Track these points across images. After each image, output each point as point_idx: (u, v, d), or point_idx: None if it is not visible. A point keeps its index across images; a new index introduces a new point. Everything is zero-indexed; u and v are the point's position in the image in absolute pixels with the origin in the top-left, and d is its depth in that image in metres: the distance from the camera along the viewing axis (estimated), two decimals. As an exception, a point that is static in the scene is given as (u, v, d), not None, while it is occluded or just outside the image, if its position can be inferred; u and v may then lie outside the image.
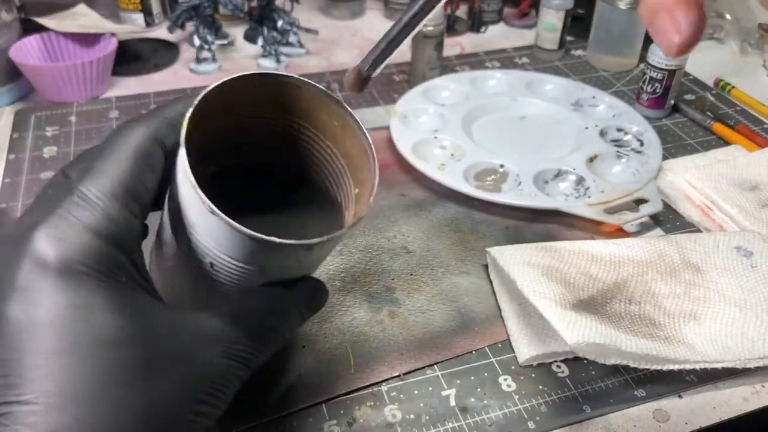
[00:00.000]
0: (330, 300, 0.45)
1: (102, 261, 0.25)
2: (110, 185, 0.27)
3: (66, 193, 0.26)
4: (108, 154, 0.28)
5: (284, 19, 0.79)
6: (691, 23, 0.20)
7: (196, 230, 0.29)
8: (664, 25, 0.21)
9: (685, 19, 0.20)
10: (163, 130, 0.29)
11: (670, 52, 0.21)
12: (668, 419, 0.39)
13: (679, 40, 0.21)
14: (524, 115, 0.67)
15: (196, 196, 0.26)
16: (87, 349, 0.24)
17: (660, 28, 0.21)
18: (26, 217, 0.27)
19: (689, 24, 0.20)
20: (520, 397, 0.40)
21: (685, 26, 0.20)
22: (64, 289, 0.24)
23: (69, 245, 0.25)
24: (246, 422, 0.37)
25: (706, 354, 0.40)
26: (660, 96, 0.67)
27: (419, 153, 0.59)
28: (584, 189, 0.56)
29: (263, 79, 0.30)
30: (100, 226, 0.26)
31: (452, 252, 0.51)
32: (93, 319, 0.24)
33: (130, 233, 0.27)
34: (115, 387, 0.24)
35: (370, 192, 0.31)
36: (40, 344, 0.23)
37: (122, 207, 0.27)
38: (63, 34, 0.72)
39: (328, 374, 0.40)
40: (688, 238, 0.48)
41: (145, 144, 0.28)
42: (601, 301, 0.43)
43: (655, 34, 0.21)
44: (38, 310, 0.24)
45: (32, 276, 0.24)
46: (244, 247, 0.28)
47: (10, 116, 0.67)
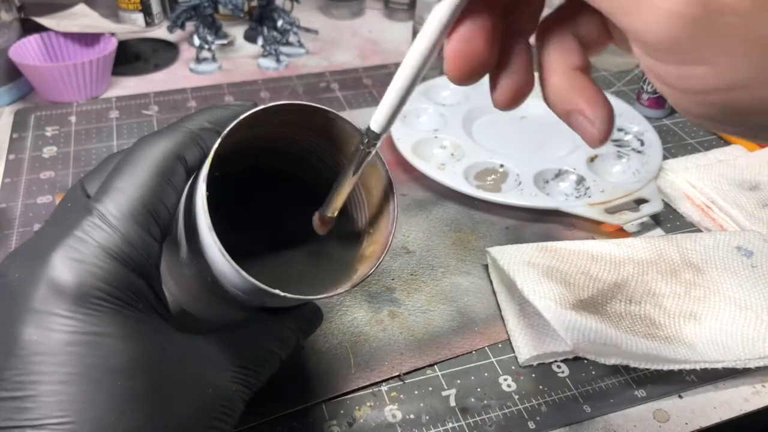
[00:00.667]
0: (330, 300, 0.45)
1: (119, 286, 0.25)
2: (130, 206, 0.26)
3: (85, 212, 0.26)
4: (128, 172, 0.27)
5: (284, 18, 0.79)
6: (604, 120, 0.22)
7: (205, 254, 0.29)
8: (582, 125, 0.22)
9: (597, 117, 0.22)
10: (185, 145, 0.28)
11: (593, 146, 0.22)
12: (668, 419, 0.39)
13: (599, 136, 0.22)
14: (524, 114, 0.67)
15: (210, 234, 0.26)
16: (101, 375, 0.24)
17: (578, 126, 0.22)
18: (44, 232, 0.27)
19: (603, 121, 0.22)
20: (521, 397, 0.40)
21: (599, 124, 0.22)
22: (80, 315, 0.24)
23: (87, 270, 0.25)
24: (246, 422, 0.37)
25: (707, 354, 0.40)
26: (660, 96, 0.67)
27: (419, 153, 0.59)
28: (584, 189, 0.56)
29: (294, 108, 0.29)
30: (118, 249, 0.25)
31: (452, 252, 0.51)
32: (107, 346, 0.24)
33: (149, 257, 0.27)
34: (129, 413, 0.24)
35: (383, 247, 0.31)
36: (55, 369, 0.23)
37: (142, 229, 0.26)
38: (63, 34, 0.72)
39: (328, 374, 0.40)
40: (689, 238, 0.48)
41: (167, 161, 0.28)
42: (601, 301, 0.43)
43: (575, 131, 0.23)
44: (53, 335, 0.24)
45: (49, 300, 0.24)
46: (248, 290, 0.28)
47: (9, 116, 0.67)
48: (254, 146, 0.32)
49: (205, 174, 0.27)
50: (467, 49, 0.22)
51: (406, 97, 0.24)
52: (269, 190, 0.35)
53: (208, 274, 0.29)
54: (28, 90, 0.72)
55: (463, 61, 0.22)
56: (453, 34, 0.22)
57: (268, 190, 0.35)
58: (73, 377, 0.23)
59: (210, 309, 0.35)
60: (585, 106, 0.22)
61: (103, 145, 0.63)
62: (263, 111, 0.28)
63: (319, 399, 0.39)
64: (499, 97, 0.23)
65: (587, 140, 0.22)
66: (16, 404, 0.23)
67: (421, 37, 0.22)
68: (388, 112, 0.25)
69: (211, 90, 0.73)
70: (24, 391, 0.23)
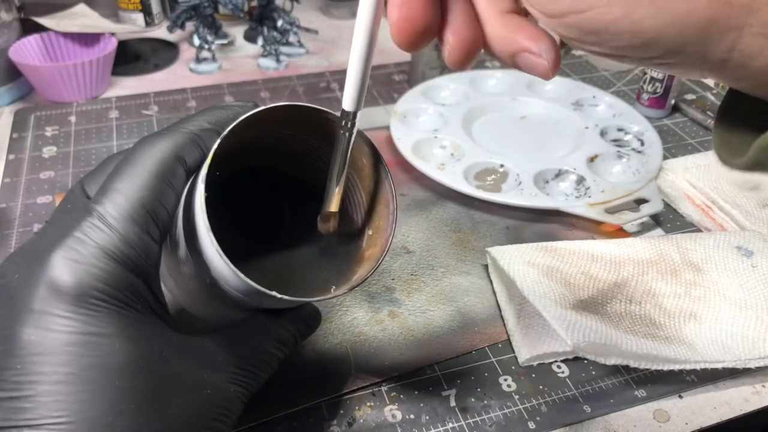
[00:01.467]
0: (330, 300, 0.45)
1: (118, 287, 0.25)
2: (129, 207, 0.26)
3: (84, 213, 0.26)
4: (128, 173, 0.27)
5: (284, 18, 0.79)
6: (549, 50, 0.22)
7: (204, 254, 0.29)
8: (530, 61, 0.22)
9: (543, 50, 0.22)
10: (185, 146, 0.29)
11: (548, 76, 0.23)
12: (668, 419, 0.39)
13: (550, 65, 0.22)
14: (524, 114, 0.67)
15: (208, 236, 0.26)
16: (99, 375, 0.24)
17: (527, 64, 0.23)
18: (44, 233, 0.27)
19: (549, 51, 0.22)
20: (521, 397, 0.40)
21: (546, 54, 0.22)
22: (78, 316, 0.24)
23: (86, 270, 0.25)
24: (246, 422, 0.37)
25: (707, 354, 0.40)
26: (660, 96, 0.67)
27: (419, 153, 0.59)
28: (584, 189, 0.56)
29: (293, 109, 0.29)
30: (117, 250, 0.25)
31: (452, 252, 0.51)
32: (105, 346, 0.24)
33: (148, 258, 0.27)
34: (126, 414, 0.24)
35: (382, 249, 0.31)
36: (53, 369, 0.23)
37: (141, 230, 0.26)
38: (63, 34, 0.72)
39: (328, 374, 0.40)
40: (689, 238, 0.48)
41: (166, 162, 0.28)
42: (601, 301, 0.43)
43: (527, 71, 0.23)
44: (52, 335, 0.24)
45: (48, 301, 0.24)
46: (246, 291, 0.28)
47: (9, 116, 0.67)
48: (254, 147, 0.32)
49: (204, 175, 0.27)
50: (405, 13, 0.22)
51: (366, 70, 0.25)
52: (269, 191, 0.35)
53: (206, 275, 0.29)
54: (28, 90, 0.72)
55: (405, 26, 0.22)
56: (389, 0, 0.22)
57: (268, 190, 0.35)
58: (71, 377, 0.23)
59: (209, 309, 0.35)
60: (528, 43, 0.22)
61: (103, 145, 0.63)
62: (262, 112, 0.28)
63: (319, 399, 0.39)
64: (449, 56, 0.23)
65: (540, 74, 0.23)
66: (14, 404, 0.23)
67: (362, 7, 0.23)
68: (355, 89, 0.26)
69: (211, 90, 0.73)
70: (22, 392, 0.23)
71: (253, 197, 0.35)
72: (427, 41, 0.23)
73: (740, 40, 0.18)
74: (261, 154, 0.33)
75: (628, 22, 0.19)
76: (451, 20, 0.23)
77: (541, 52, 0.22)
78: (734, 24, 0.18)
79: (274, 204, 0.36)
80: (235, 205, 0.34)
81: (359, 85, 0.26)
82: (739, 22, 0.18)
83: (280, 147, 0.33)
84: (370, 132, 0.31)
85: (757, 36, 0.18)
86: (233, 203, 0.34)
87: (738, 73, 0.19)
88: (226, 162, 0.29)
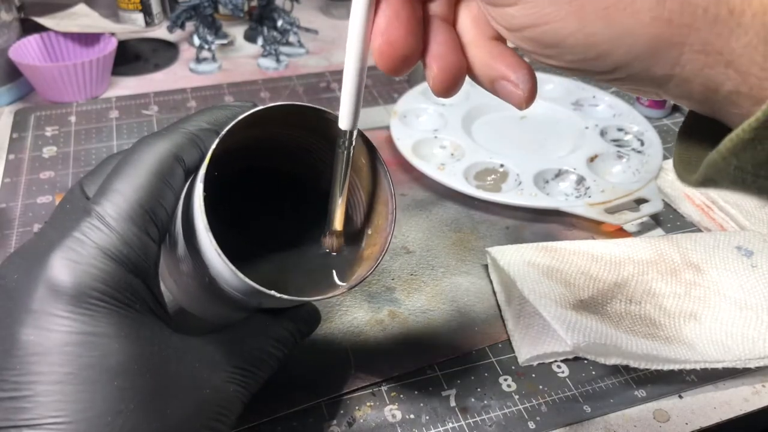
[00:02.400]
0: (330, 300, 0.45)
1: (116, 287, 0.25)
2: (128, 208, 0.26)
3: (83, 213, 0.26)
4: (126, 173, 0.27)
5: (284, 18, 0.79)
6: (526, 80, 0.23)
7: (203, 254, 0.29)
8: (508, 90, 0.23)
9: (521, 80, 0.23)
10: (184, 146, 0.28)
11: (522, 107, 0.23)
12: (668, 419, 0.39)
13: (525, 95, 0.23)
14: (524, 114, 0.67)
15: (206, 235, 0.26)
16: (97, 375, 0.24)
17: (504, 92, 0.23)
18: (43, 234, 0.27)
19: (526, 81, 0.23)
20: (521, 397, 0.40)
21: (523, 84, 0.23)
22: (77, 316, 0.24)
23: (84, 270, 0.25)
24: (246, 422, 0.37)
25: (707, 354, 0.40)
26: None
27: (419, 152, 0.59)
28: (584, 189, 0.56)
29: (292, 109, 0.29)
30: (116, 250, 0.26)
31: (452, 252, 0.51)
32: (104, 346, 0.24)
33: (147, 258, 0.27)
34: (125, 413, 0.24)
35: (381, 249, 0.31)
36: (52, 369, 0.24)
37: (140, 231, 0.26)
38: (63, 34, 0.72)
39: (328, 374, 0.40)
40: (689, 238, 0.48)
41: (165, 162, 0.28)
42: (601, 301, 0.43)
43: (503, 98, 0.24)
44: (51, 335, 0.24)
45: (46, 301, 0.24)
46: (245, 291, 0.28)
47: (9, 116, 0.67)
48: (254, 147, 0.32)
49: (203, 174, 0.27)
50: (387, 39, 0.22)
51: (360, 90, 0.26)
52: (269, 191, 0.35)
53: (205, 274, 0.29)
54: (28, 90, 0.72)
55: (387, 51, 0.23)
56: (373, 27, 0.23)
57: (268, 190, 0.35)
58: (69, 377, 0.23)
59: (208, 309, 0.35)
60: (507, 71, 0.23)
61: (103, 145, 0.63)
62: (261, 112, 0.28)
63: (319, 399, 0.39)
64: (434, 82, 0.23)
65: (515, 103, 0.23)
66: (13, 404, 0.23)
67: (351, 33, 0.24)
68: (350, 109, 0.26)
69: (211, 90, 0.73)
70: (21, 392, 0.23)
71: (253, 197, 0.35)
72: (408, 67, 0.23)
73: (682, 57, 0.19)
74: (261, 154, 0.33)
75: (582, 35, 0.19)
76: (434, 47, 0.23)
77: (518, 82, 0.23)
78: (676, 41, 0.19)
79: (274, 204, 0.36)
80: (235, 205, 0.34)
81: (354, 104, 0.26)
82: (681, 40, 0.19)
83: (279, 147, 0.33)
84: (370, 132, 0.31)
85: (698, 53, 0.19)
86: (233, 203, 0.34)
87: (682, 90, 0.20)
88: (226, 162, 0.29)
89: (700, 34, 0.18)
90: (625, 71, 0.20)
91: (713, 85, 0.19)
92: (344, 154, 0.28)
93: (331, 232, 0.31)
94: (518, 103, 0.23)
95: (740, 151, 0.18)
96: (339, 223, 0.31)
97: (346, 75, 0.25)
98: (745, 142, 0.18)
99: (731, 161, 0.18)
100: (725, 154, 0.18)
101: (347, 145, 0.28)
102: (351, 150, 0.28)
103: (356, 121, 0.27)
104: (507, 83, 0.23)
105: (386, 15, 0.22)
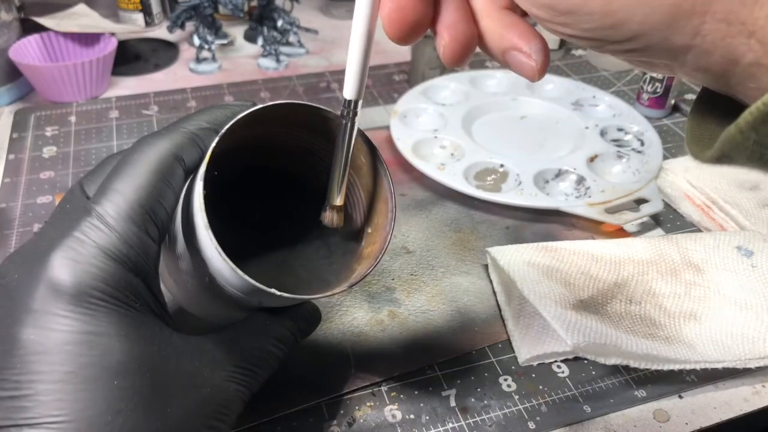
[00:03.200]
0: (330, 300, 0.45)
1: (117, 286, 0.25)
2: (128, 207, 0.26)
3: (83, 213, 0.26)
4: (126, 173, 0.27)
5: (284, 18, 0.79)
6: (539, 50, 0.22)
7: (203, 252, 0.29)
8: (519, 60, 0.23)
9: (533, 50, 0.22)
10: (184, 145, 0.28)
11: (534, 78, 0.23)
12: (668, 419, 0.39)
13: (538, 66, 0.23)
14: (524, 114, 0.67)
15: (206, 233, 0.26)
16: (98, 374, 0.24)
17: (516, 63, 0.23)
18: (43, 233, 0.27)
19: (539, 52, 0.22)
20: (521, 397, 0.40)
21: (535, 55, 0.22)
22: (77, 315, 0.24)
23: (84, 270, 0.25)
24: (246, 422, 0.37)
25: (707, 354, 0.40)
26: (660, 96, 0.67)
27: (419, 153, 0.59)
28: (584, 189, 0.56)
29: (292, 108, 0.29)
30: (116, 250, 0.26)
31: (452, 252, 0.51)
32: (104, 345, 0.24)
33: (147, 257, 0.27)
34: (125, 412, 0.24)
35: (381, 247, 0.31)
36: (52, 368, 0.24)
37: (140, 230, 0.26)
38: (63, 34, 0.72)
39: (328, 374, 0.40)
40: (689, 238, 0.48)
41: (165, 161, 0.28)
42: (601, 301, 0.43)
43: (515, 70, 0.23)
44: (51, 334, 0.24)
45: (46, 300, 0.24)
46: (245, 289, 0.28)
47: (9, 116, 0.67)
48: (254, 146, 0.32)
49: (202, 173, 0.27)
50: (397, 5, 0.22)
51: (366, 59, 0.25)
52: (269, 190, 0.35)
53: (205, 273, 0.29)
54: (28, 90, 0.72)
55: (396, 18, 0.22)
56: None
57: (268, 189, 0.35)
58: (70, 376, 0.23)
59: (208, 308, 0.35)
60: (519, 41, 0.22)
61: (103, 145, 0.63)
62: (261, 110, 0.28)
63: (319, 399, 0.39)
64: (443, 52, 0.23)
65: (527, 74, 0.23)
66: (14, 403, 0.23)
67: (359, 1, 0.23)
68: (356, 78, 0.26)
69: (211, 90, 0.73)
70: (22, 391, 0.23)
71: (253, 196, 0.35)
72: (418, 35, 0.23)
73: (704, 26, 0.18)
74: (261, 153, 0.33)
75: (599, 2, 0.19)
76: (446, 15, 0.23)
77: (531, 52, 0.22)
78: (698, 10, 0.18)
79: (274, 203, 0.36)
80: (235, 205, 0.34)
81: (360, 74, 0.26)
82: (704, 8, 0.18)
83: (280, 146, 0.33)
84: (370, 132, 0.31)
85: (720, 22, 0.18)
86: (233, 202, 0.34)
87: (700, 62, 0.19)
88: (226, 161, 0.29)
89: (723, 2, 0.18)
90: (643, 41, 0.19)
91: (734, 57, 0.19)
92: (347, 125, 0.28)
93: (332, 207, 0.31)
94: (531, 74, 0.23)
95: (760, 124, 0.17)
96: (340, 198, 0.30)
97: (352, 43, 0.25)
98: (765, 114, 0.17)
99: (750, 135, 0.18)
100: (744, 128, 0.18)
101: (351, 115, 0.28)
102: (355, 120, 0.28)
103: (362, 91, 0.27)
104: (519, 54, 0.22)
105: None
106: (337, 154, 0.29)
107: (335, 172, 0.30)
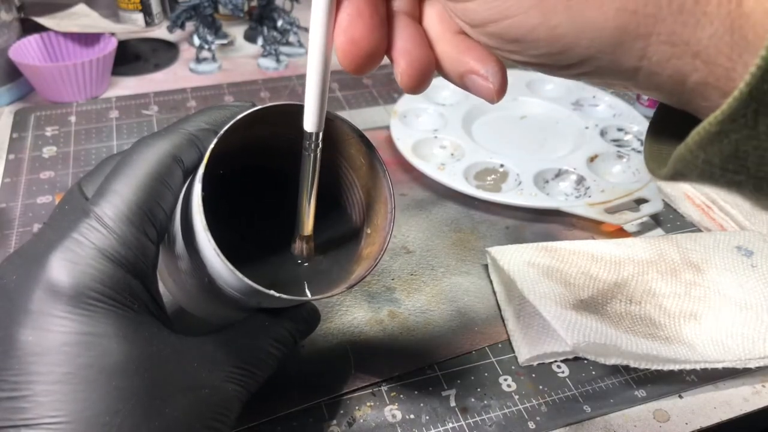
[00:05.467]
0: (330, 300, 0.45)
1: (115, 287, 0.25)
2: (126, 209, 0.26)
3: (81, 214, 0.26)
4: (125, 174, 0.27)
5: (284, 18, 0.79)
6: (496, 72, 0.22)
7: (202, 253, 0.29)
8: (477, 83, 0.23)
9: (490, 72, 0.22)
10: (182, 146, 0.28)
11: (493, 100, 0.23)
12: (668, 419, 0.39)
13: (496, 88, 0.23)
14: (524, 114, 0.67)
15: (205, 234, 0.26)
16: (96, 375, 0.24)
17: (474, 86, 0.23)
18: (41, 234, 0.27)
19: (495, 74, 0.22)
20: (521, 397, 0.40)
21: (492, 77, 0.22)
22: (75, 316, 0.24)
23: (83, 271, 0.25)
24: (246, 422, 0.37)
25: (707, 354, 0.40)
26: (660, 95, 0.66)
27: (419, 152, 0.59)
28: (584, 189, 0.56)
29: (292, 108, 0.29)
30: (114, 251, 0.26)
31: (452, 252, 0.51)
32: (102, 346, 0.24)
33: (145, 259, 0.27)
34: (123, 413, 0.24)
35: (380, 248, 0.31)
36: (50, 369, 0.24)
37: (138, 232, 0.26)
38: (63, 34, 0.72)
39: (328, 374, 0.40)
40: (689, 238, 0.48)
41: (164, 163, 0.28)
42: (601, 301, 0.43)
43: (474, 92, 0.23)
44: (49, 335, 0.24)
45: (45, 301, 0.24)
46: (243, 290, 0.28)
47: (9, 116, 0.67)
48: (253, 147, 0.32)
49: (201, 174, 0.27)
50: (351, 38, 0.22)
51: (324, 91, 0.25)
52: (268, 191, 0.35)
53: (204, 274, 0.29)
54: (28, 90, 0.72)
55: (350, 50, 0.22)
56: (335, 25, 0.22)
57: (268, 190, 0.35)
58: (68, 377, 0.24)
59: (207, 309, 0.35)
60: (476, 65, 0.22)
61: (103, 145, 0.63)
62: (260, 111, 0.28)
63: (319, 399, 0.39)
64: (402, 78, 0.23)
65: (486, 97, 0.23)
66: (12, 404, 0.23)
67: (312, 32, 0.23)
68: (315, 111, 0.26)
69: (211, 90, 0.73)
70: (20, 391, 0.23)
71: (253, 197, 0.35)
72: (374, 64, 0.23)
73: (649, 48, 0.19)
74: (260, 154, 0.33)
75: (545, 29, 0.19)
76: (400, 42, 0.23)
77: (488, 75, 0.22)
78: (642, 32, 0.18)
79: (273, 204, 0.36)
80: (234, 206, 0.34)
81: (319, 107, 0.25)
82: (647, 31, 0.18)
83: (279, 147, 0.33)
84: (370, 132, 0.31)
85: (665, 44, 0.18)
86: (232, 203, 0.34)
87: (651, 82, 0.20)
88: (225, 162, 0.29)
89: (665, 24, 0.18)
90: (591, 65, 0.20)
91: (681, 77, 0.19)
92: (310, 157, 0.28)
93: (301, 237, 0.31)
94: (489, 97, 0.23)
95: (707, 144, 0.17)
96: (309, 227, 0.30)
97: (309, 76, 0.24)
98: (711, 135, 0.17)
99: (699, 155, 0.18)
100: (692, 148, 0.18)
101: (313, 147, 0.27)
102: (317, 153, 0.28)
103: (321, 123, 0.26)
104: (476, 77, 0.23)
105: (348, 12, 0.22)
106: (302, 186, 0.29)
107: (301, 203, 0.29)
